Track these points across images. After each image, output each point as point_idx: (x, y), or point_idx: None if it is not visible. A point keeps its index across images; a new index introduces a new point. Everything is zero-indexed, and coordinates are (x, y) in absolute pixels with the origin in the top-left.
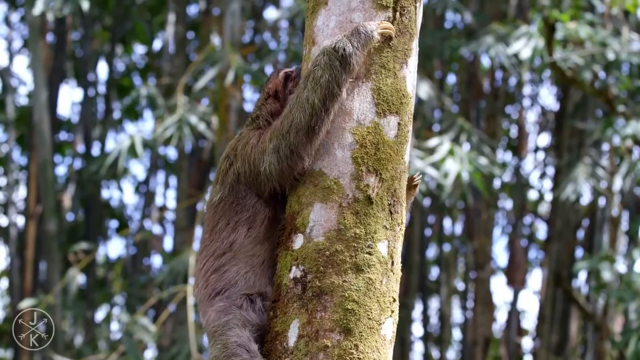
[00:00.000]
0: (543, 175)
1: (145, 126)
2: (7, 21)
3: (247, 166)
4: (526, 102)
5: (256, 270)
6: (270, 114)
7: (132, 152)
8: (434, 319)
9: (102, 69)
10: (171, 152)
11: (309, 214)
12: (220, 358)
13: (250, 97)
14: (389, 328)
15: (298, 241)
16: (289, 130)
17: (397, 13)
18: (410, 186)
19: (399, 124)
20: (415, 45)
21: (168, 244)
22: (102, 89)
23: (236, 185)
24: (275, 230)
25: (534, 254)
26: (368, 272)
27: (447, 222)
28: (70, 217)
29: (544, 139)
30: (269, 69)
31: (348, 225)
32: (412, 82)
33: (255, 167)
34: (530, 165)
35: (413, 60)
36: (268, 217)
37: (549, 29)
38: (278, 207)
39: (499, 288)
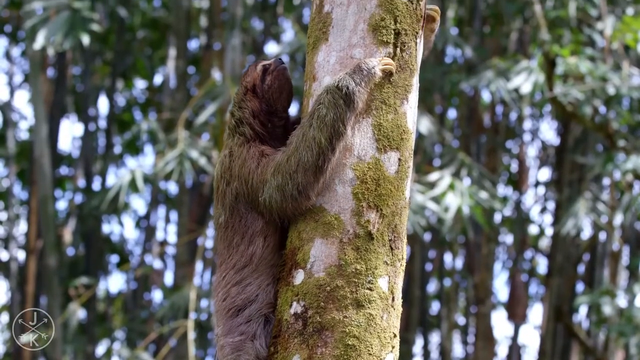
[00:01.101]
0: (544, 210)
1: (146, 161)
2: (8, 56)
3: (246, 188)
4: (527, 137)
5: (272, 276)
6: (252, 115)
7: (132, 186)
8: (434, 354)
9: (103, 104)
10: (172, 187)
11: (310, 250)
12: None
13: None
14: None
15: (299, 277)
16: (297, 170)
17: (398, 49)
18: (428, 19)
19: (399, 159)
20: (415, 81)
21: (169, 278)
22: (102, 123)
23: (235, 205)
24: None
25: (534, 288)
26: (369, 307)
27: (447, 257)
28: (70, 251)
29: (545, 174)
30: None
31: (349, 260)
32: (413, 118)
33: (254, 192)
34: (530, 199)
35: (414, 96)
36: (278, 224)
37: (549, 64)
38: None
39: (500, 323)
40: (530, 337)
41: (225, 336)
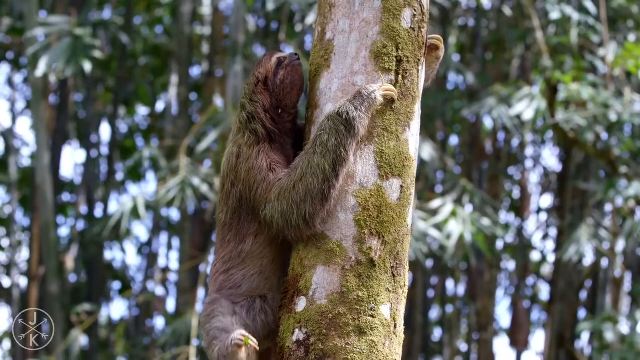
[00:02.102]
0: (546, 237)
1: (148, 188)
2: (10, 82)
3: (249, 195)
4: (528, 164)
5: (265, 270)
6: (264, 110)
7: (134, 213)
8: None
9: (105, 131)
10: (174, 214)
11: (312, 277)
12: (205, 346)
13: None
14: None
15: (301, 304)
16: (305, 199)
17: (400, 76)
18: (431, 48)
19: (401, 186)
20: (417, 108)
21: (171, 305)
22: (104, 150)
23: (239, 209)
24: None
25: (536, 315)
26: (371, 334)
27: (449, 283)
28: (72, 278)
29: (547, 200)
30: None
31: (351, 288)
32: (415, 145)
33: (256, 203)
34: (532, 226)
35: (415, 123)
36: None
37: (551, 91)
38: None
39: (502, 349)
40: None
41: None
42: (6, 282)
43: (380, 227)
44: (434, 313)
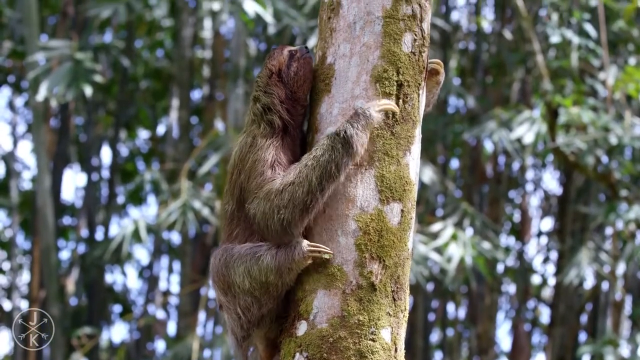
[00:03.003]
0: (546, 260)
1: (149, 211)
2: (11, 106)
3: (246, 184)
4: (529, 187)
5: None
6: (280, 101)
7: (135, 236)
8: None
9: (106, 154)
10: (175, 237)
11: (313, 301)
12: (250, 266)
13: None
14: None
15: (302, 328)
16: (287, 205)
17: (400, 100)
18: (432, 72)
19: (402, 210)
20: (418, 132)
21: (172, 328)
22: (105, 173)
23: (242, 200)
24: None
25: (537, 338)
26: (371, 358)
27: (450, 307)
28: (73, 301)
29: (547, 224)
30: None
31: (351, 312)
32: (416, 169)
33: (247, 195)
34: (533, 249)
35: (416, 147)
36: None
37: (551, 114)
38: None
39: None
40: None
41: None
42: (7, 306)
43: (381, 251)
44: (435, 336)
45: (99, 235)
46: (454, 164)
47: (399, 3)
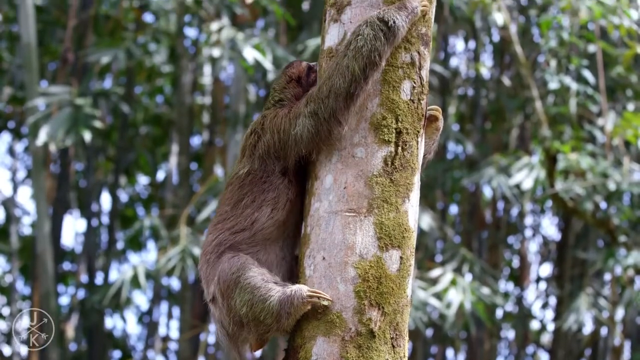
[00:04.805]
0: (545, 305)
1: (148, 257)
2: (11, 151)
3: (277, 136)
4: (528, 233)
5: (267, 249)
6: (294, 97)
7: (135, 282)
8: None
9: (106, 200)
10: (174, 283)
11: (312, 348)
12: (255, 301)
13: None
14: None
15: None
16: (329, 95)
17: (399, 148)
18: (431, 119)
19: (401, 257)
20: (417, 180)
21: None
22: (105, 219)
23: (267, 157)
24: (292, 213)
25: None
26: None
27: (449, 352)
28: (73, 347)
29: (546, 269)
30: None
31: (351, 358)
32: (414, 216)
33: (285, 133)
34: (532, 295)
35: (415, 194)
36: (290, 199)
37: (550, 160)
38: (298, 190)
39: None
40: None
41: (217, 269)
42: (7, 351)
43: (380, 298)
44: None
45: (99, 280)
46: (453, 209)
47: (397, 51)
